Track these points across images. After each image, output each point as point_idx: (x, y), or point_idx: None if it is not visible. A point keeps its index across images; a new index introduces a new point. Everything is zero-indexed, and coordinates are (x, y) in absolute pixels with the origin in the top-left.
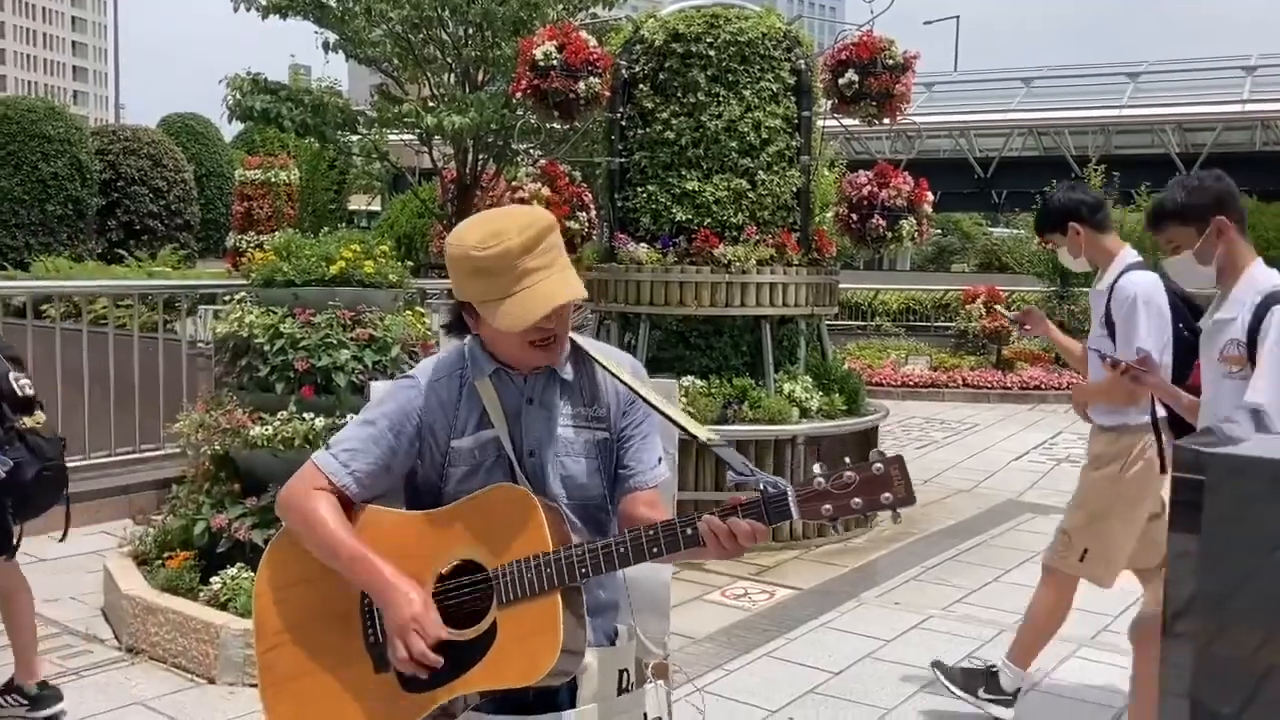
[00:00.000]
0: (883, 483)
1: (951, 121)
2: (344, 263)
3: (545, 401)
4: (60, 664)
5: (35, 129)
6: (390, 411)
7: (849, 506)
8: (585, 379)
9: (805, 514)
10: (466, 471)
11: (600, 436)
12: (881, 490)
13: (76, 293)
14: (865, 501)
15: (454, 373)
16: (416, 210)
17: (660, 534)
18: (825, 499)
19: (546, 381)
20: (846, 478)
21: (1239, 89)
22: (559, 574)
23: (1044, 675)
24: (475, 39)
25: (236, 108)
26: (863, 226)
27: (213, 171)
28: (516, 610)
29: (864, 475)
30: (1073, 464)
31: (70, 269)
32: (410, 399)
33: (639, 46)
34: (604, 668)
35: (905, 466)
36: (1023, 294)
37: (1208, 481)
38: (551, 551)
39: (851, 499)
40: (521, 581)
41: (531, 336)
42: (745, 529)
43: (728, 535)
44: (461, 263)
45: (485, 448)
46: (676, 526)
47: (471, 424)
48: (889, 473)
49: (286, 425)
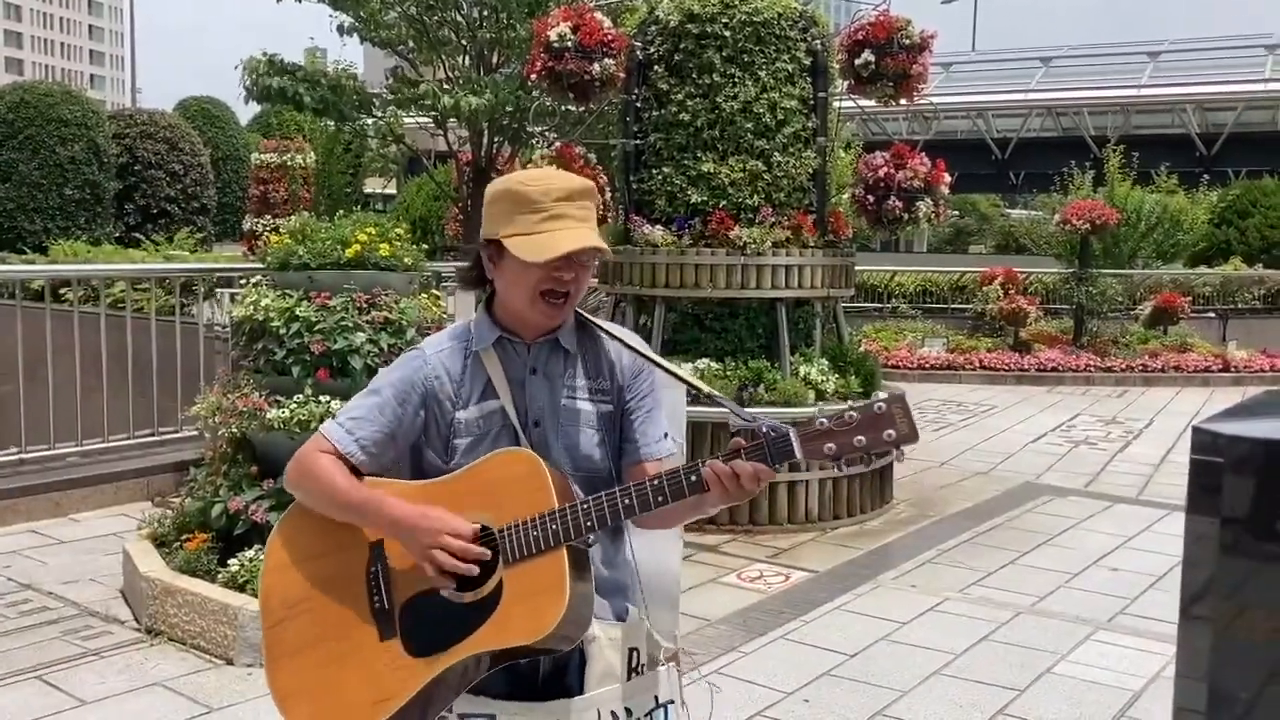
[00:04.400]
0: (885, 420)
1: (969, 102)
2: (359, 246)
3: (549, 372)
4: (80, 645)
5: (52, 113)
6: (395, 380)
7: (852, 444)
8: (589, 351)
9: (809, 453)
10: (471, 442)
11: (604, 409)
12: (884, 427)
13: (94, 276)
14: (869, 439)
15: (459, 345)
16: (432, 193)
17: (665, 482)
18: (828, 438)
19: (550, 352)
20: (849, 417)
21: (1260, 67)
22: (565, 529)
23: (1060, 658)
24: (490, 21)
25: (254, 88)
26: (879, 208)
27: (229, 155)
28: (522, 568)
29: (866, 414)
30: (1090, 446)
31: (88, 253)
32: (415, 369)
33: (654, 27)
34: (613, 644)
35: (907, 404)
36: (1040, 276)
37: (1226, 464)
38: (557, 509)
39: (854, 437)
40: (527, 539)
41: (545, 284)
42: (749, 470)
43: (731, 477)
44: (502, 196)
45: (490, 418)
46: (681, 473)
47: (476, 394)
48: (891, 410)
49: (303, 408)
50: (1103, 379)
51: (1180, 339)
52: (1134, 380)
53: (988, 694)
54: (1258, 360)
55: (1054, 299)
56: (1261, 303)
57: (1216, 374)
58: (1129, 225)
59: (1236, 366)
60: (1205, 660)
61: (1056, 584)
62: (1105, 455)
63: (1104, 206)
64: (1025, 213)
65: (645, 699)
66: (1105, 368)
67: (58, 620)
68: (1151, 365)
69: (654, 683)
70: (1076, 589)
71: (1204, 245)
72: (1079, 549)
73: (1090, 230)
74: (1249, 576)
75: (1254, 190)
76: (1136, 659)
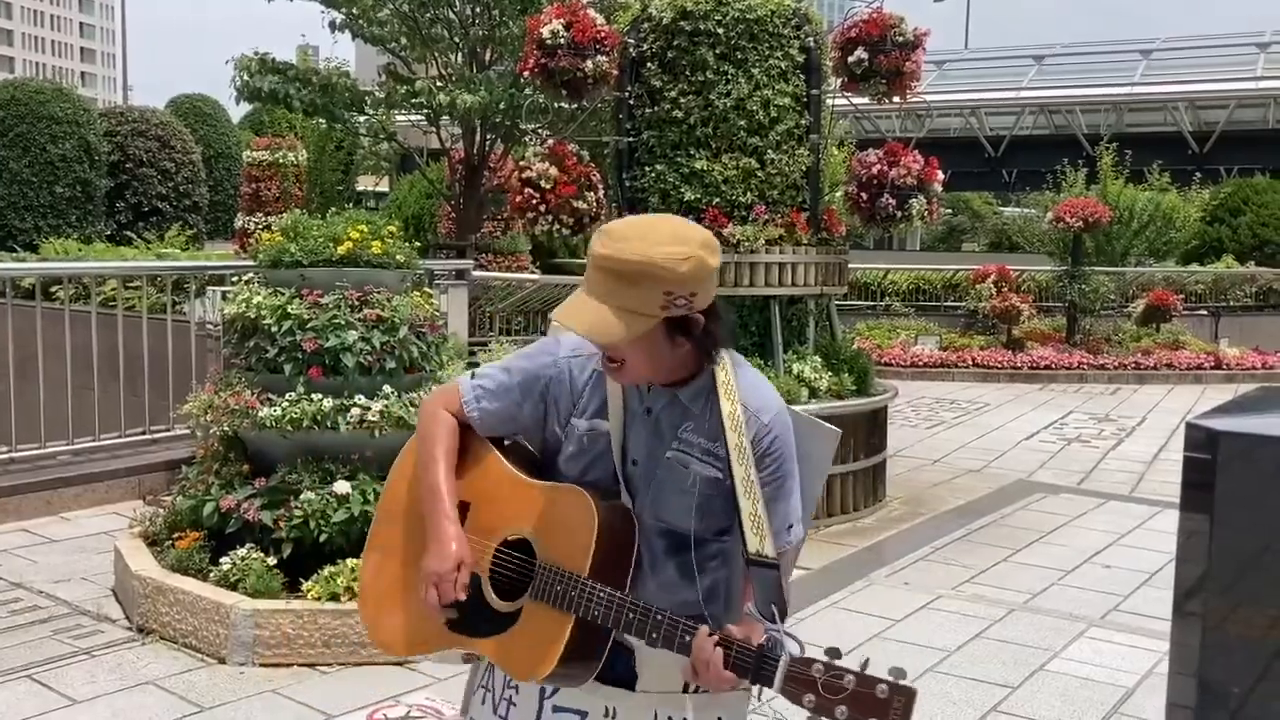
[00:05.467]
0: (880, 708)
1: (962, 100)
2: (351, 243)
3: (662, 418)
4: (72, 644)
5: (43, 111)
6: (526, 369)
7: (833, 712)
8: (711, 413)
9: (786, 693)
10: (574, 453)
11: (711, 474)
12: (873, 714)
13: (85, 274)
14: (850, 716)
15: (593, 354)
16: (424, 191)
17: (664, 624)
18: (812, 689)
19: (669, 401)
20: (845, 681)
21: (1252, 66)
22: (576, 603)
23: (1053, 655)
24: (482, 18)
25: (245, 88)
26: (872, 206)
27: (221, 153)
28: (538, 610)
29: (864, 689)
30: (1083, 444)
31: (79, 251)
32: (544, 365)
33: (647, 24)
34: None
35: (912, 704)
36: (1033, 274)
37: (1219, 461)
38: (582, 579)
39: (838, 706)
40: (550, 588)
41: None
42: (719, 671)
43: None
44: None
45: (597, 438)
46: (679, 628)
47: (592, 409)
48: (892, 700)
49: (294, 406)
50: (1095, 376)
51: (1173, 337)
52: (1126, 378)
53: (981, 691)
54: (1250, 358)
55: (1047, 297)
56: (1253, 300)
57: (1209, 371)
58: (1122, 223)
59: (1229, 364)
60: (1197, 656)
61: (1049, 581)
62: (1098, 453)
63: (1097, 204)
64: (1018, 211)
65: (708, 715)
66: (1098, 365)
67: (49, 619)
68: (1144, 363)
69: (719, 703)
70: (1069, 586)
71: (1196, 243)
72: (1072, 546)
73: (1083, 228)
74: (1241, 573)
75: (1246, 188)
76: (1129, 655)
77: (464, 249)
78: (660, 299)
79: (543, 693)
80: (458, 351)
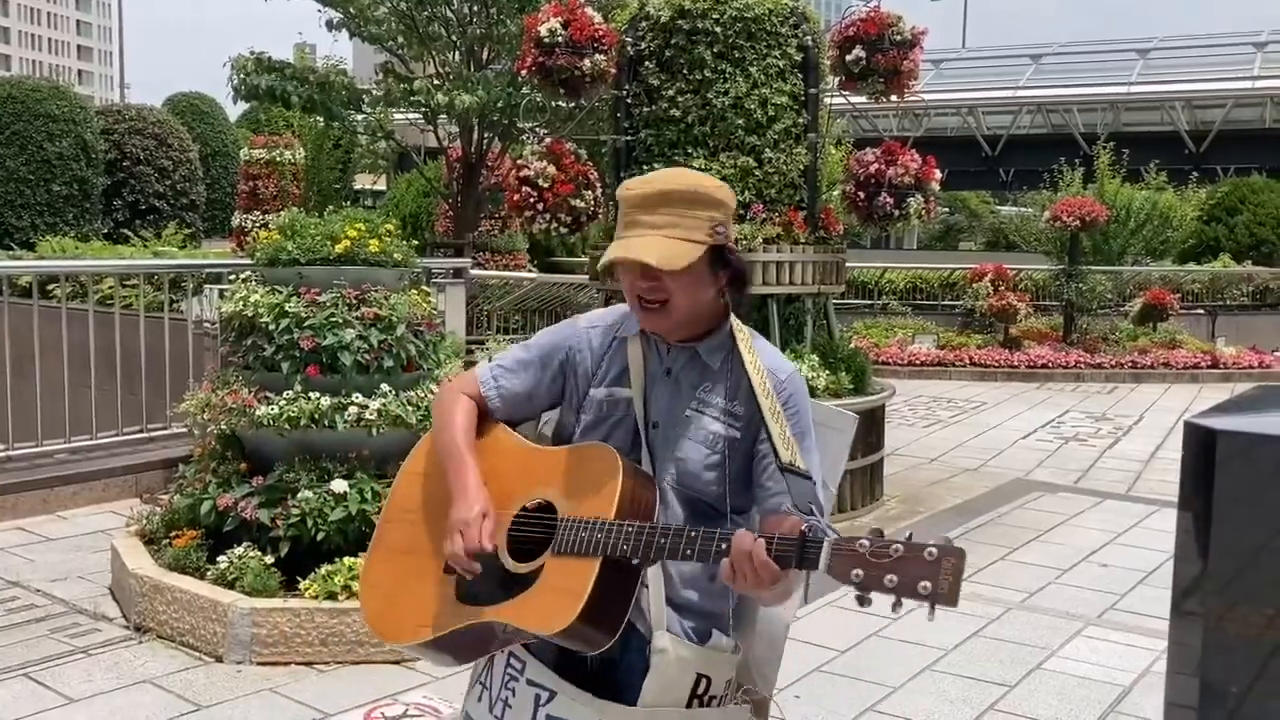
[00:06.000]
0: (929, 569)
1: (959, 99)
2: (349, 241)
3: (681, 378)
4: (68, 642)
5: (40, 109)
6: (544, 343)
7: (881, 581)
8: (731, 371)
9: (834, 572)
10: (592, 421)
11: (728, 433)
12: (923, 578)
13: (82, 272)
14: (901, 583)
15: (611, 325)
16: (422, 189)
17: (698, 540)
18: (860, 563)
19: (689, 360)
20: (894, 549)
21: (1249, 65)
22: (604, 543)
23: (1050, 654)
24: (480, 16)
25: (242, 86)
26: (870, 205)
27: (218, 151)
28: (562, 562)
29: (912, 553)
30: (1080, 443)
31: (76, 249)
32: (565, 335)
33: (645, 23)
34: (681, 663)
35: (962, 563)
36: (1030, 273)
37: (1217, 460)
38: (606, 521)
39: (887, 575)
40: (575, 538)
41: (634, 291)
42: (762, 557)
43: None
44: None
45: (615, 405)
46: (715, 537)
47: (610, 377)
48: (941, 561)
49: (292, 404)
50: (1092, 375)
51: (1169, 336)
52: (1123, 377)
53: (978, 689)
54: (1246, 357)
55: (1044, 296)
56: (1250, 299)
57: (1205, 370)
58: (1118, 222)
59: (1225, 363)
60: (1197, 655)
61: (1046, 580)
62: (1095, 451)
63: (1094, 203)
64: (1015, 209)
65: None
66: (1095, 364)
67: (45, 618)
68: (1141, 362)
69: (722, 717)
70: (1066, 585)
71: (1193, 242)
72: (1069, 545)
73: (1080, 227)
74: (1240, 571)
75: (1243, 187)
76: (1126, 654)
77: (461, 247)
78: (708, 225)
79: (538, 699)
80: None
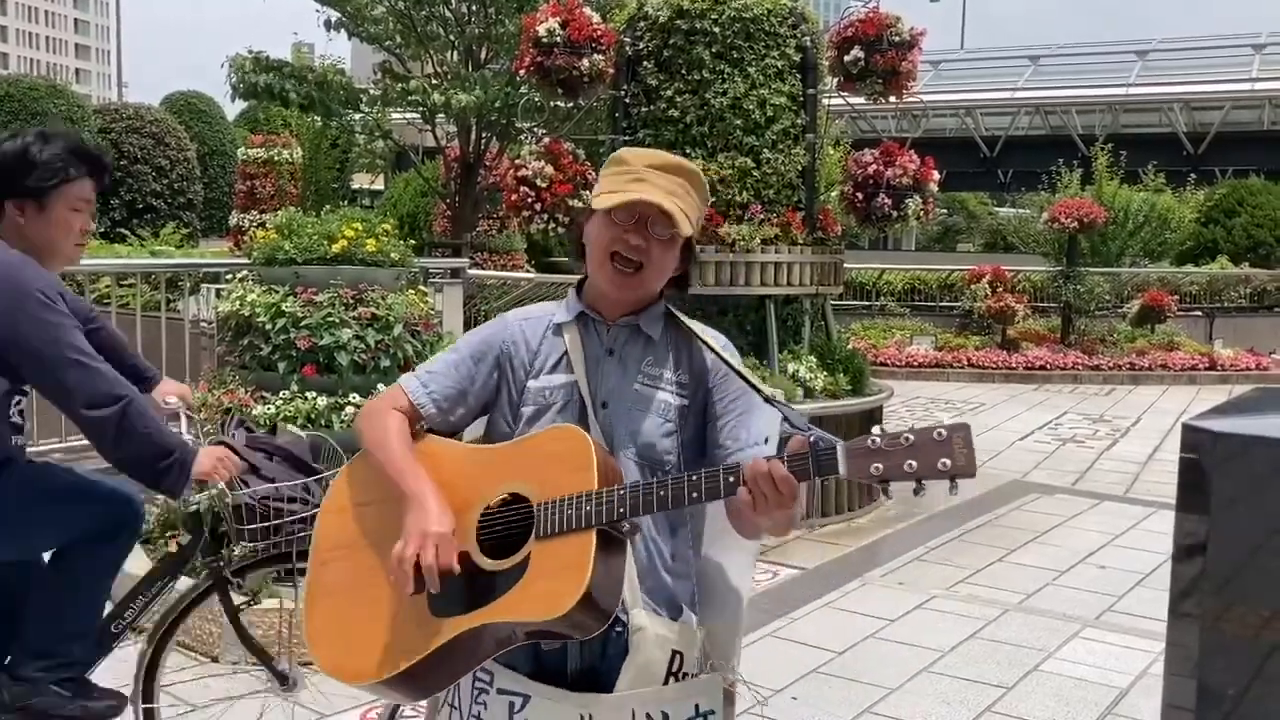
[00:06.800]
0: (944, 447)
1: (958, 100)
2: (346, 241)
3: (625, 355)
4: None
5: (37, 107)
6: (475, 341)
7: (902, 468)
8: (674, 343)
9: (853, 470)
10: (536, 411)
11: (678, 402)
12: (940, 455)
13: (79, 271)
14: (922, 464)
15: (544, 317)
16: (419, 189)
17: (702, 479)
18: (877, 456)
19: (630, 335)
20: (904, 439)
21: (1248, 67)
22: (598, 512)
23: (1048, 655)
24: (478, 16)
25: (240, 84)
26: (868, 206)
27: (216, 150)
28: (551, 545)
29: (923, 438)
30: (1078, 444)
31: None
32: (496, 330)
33: (643, 23)
34: (660, 641)
35: (970, 435)
36: (1028, 274)
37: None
38: (594, 490)
39: (906, 461)
40: (561, 516)
41: (615, 246)
42: (781, 472)
43: (766, 477)
44: (611, 160)
45: (558, 390)
46: (720, 472)
47: (549, 365)
48: (951, 438)
49: (289, 404)
50: (1090, 377)
51: (1167, 338)
52: (1121, 378)
53: (975, 691)
54: (1244, 359)
55: (1042, 297)
56: (1248, 301)
57: (1203, 372)
58: (1116, 224)
59: (1223, 365)
60: (1194, 657)
61: (1044, 581)
62: (1093, 453)
63: (1092, 205)
64: (1013, 211)
65: (685, 705)
66: (1093, 366)
67: None
68: (1138, 364)
69: (695, 689)
70: (1064, 586)
71: (1191, 244)
72: (1066, 546)
73: (1078, 229)
74: (1237, 573)
75: (1241, 189)
76: (1124, 656)
77: (459, 247)
78: (699, 212)
79: (511, 707)
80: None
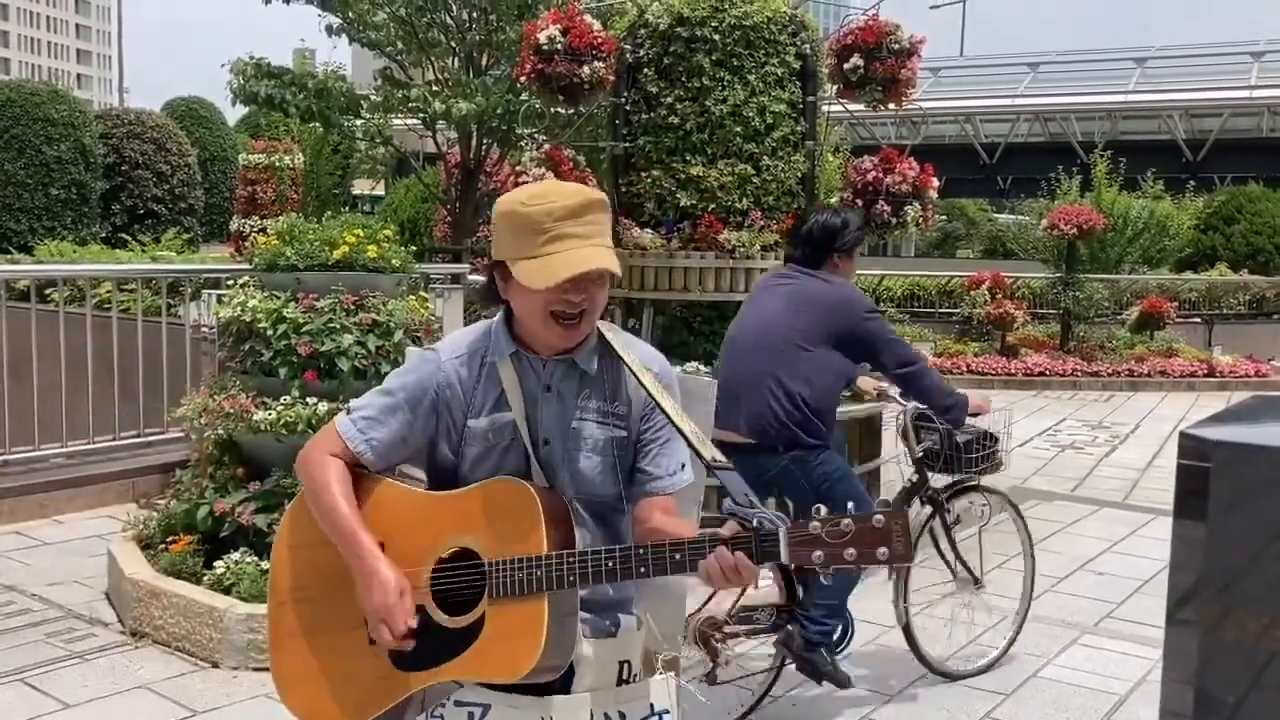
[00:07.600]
0: (881, 536)
1: (957, 107)
2: (347, 247)
3: (563, 391)
4: (64, 647)
5: (39, 112)
6: (409, 385)
7: (842, 557)
8: (608, 374)
9: (795, 557)
10: (480, 452)
11: (618, 435)
12: (879, 544)
13: (80, 276)
14: (859, 554)
15: (476, 351)
16: (420, 195)
17: (649, 556)
18: (818, 545)
19: (566, 371)
20: (844, 526)
21: (1246, 74)
22: (548, 579)
23: (1046, 662)
24: (479, 22)
25: (240, 92)
26: (867, 212)
27: (217, 156)
28: (505, 606)
29: (862, 526)
30: (1076, 451)
31: (74, 253)
32: (429, 374)
33: (643, 30)
34: (601, 660)
35: (907, 521)
36: (1028, 281)
37: (1213, 469)
38: (544, 555)
39: (846, 549)
40: (512, 580)
41: (555, 306)
42: (730, 563)
43: (717, 571)
44: (505, 217)
45: (500, 430)
46: (665, 550)
47: (489, 405)
48: (889, 526)
49: (290, 410)
50: (1089, 384)
51: (1166, 344)
52: (1120, 385)
53: (974, 697)
54: (1243, 365)
55: (1041, 304)
56: (1246, 308)
57: (1202, 379)
58: (1116, 231)
59: (1222, 372)
60: (1192, 664)
61: (1042, 588)
62: (1092, 460)
63: (1091, 212)
64: (1013, 217)
65: (639, 705)
66: (1092, 372)
67: (41, 622)
68: (1138, 370)
69: (648, 690)
70: (1062, 593)
71: (1190, 251)
72: (1065, 553)
73: (1077, 235)
74: (1235, 580)
75: (1240, 196)
76: (1122, 663)
77: (460, 253)
78: (609, 232)
79: (471, 717)
80: None
